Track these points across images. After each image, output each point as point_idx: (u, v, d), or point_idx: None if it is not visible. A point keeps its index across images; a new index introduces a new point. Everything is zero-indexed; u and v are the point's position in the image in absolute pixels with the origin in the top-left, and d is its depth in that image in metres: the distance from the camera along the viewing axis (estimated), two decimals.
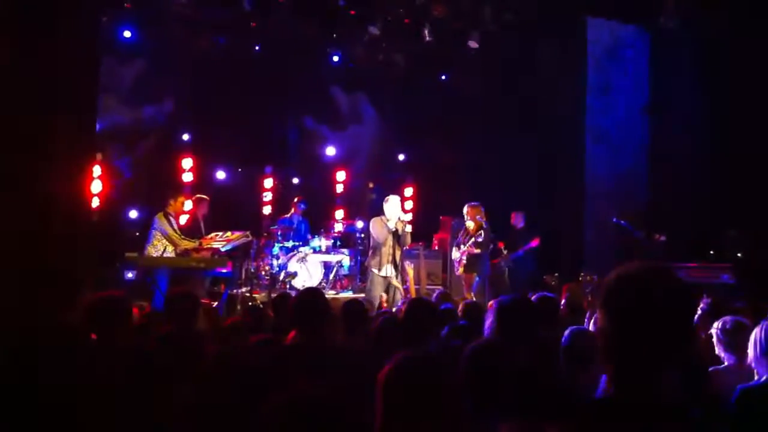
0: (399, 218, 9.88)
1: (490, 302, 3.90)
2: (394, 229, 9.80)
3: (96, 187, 11.61)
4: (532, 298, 5.34)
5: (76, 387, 3.00)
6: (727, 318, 4.52)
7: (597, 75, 13.80)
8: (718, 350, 4.43)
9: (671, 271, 2.07)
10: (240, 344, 4.68)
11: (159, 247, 9.47)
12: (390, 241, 9.84)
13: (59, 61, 6.00)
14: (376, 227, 9.98)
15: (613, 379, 1.96)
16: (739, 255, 10.84)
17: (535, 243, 11.75)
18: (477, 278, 10.86)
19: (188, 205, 10.48)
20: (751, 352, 3.78)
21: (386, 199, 10.21)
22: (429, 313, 4.81)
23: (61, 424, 2.82)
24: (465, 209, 11.07)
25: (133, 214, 13.20)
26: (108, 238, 11.58)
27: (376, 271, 9.83)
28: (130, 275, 11.16)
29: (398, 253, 9.91)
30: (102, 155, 12.14)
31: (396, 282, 9.86)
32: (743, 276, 10.49)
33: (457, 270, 11.20)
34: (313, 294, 4.68)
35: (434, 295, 8.18)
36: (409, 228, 9.92)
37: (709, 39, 12.83)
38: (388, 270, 9.83)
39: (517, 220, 12.26)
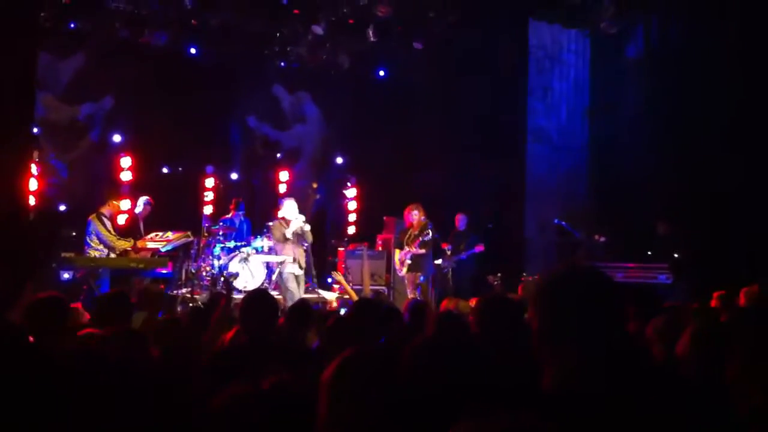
0: (298, 219, 10.62)
1: (471, 300, 3.97)
2: (292, 233, 10.49)
3: (32, 185, 11.33)
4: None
5: (16, 390, 2.91)
6: None
7: (538, 77, 14.00)
8: None
9: (598, 270, 2.14)
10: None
11: (101, 249, 9.28)
12: (290, 243, 10.51)
13: None
14: (274, 232, 10.73)
15: (547, 375, 2.01)
16: (675, 255, 11.07)
17: (479, 249, 11.85)
18: (421, 278, 10.88)
19: (126, 204, 10.30)
20: None
21: (282, 203, 10.87)
22: (374, 312, 4.84)
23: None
24: (410, 209, 11.06)
25: (62, 208, 12.91)
26: (44, 237, 11.30)
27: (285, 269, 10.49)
28: (66, 276, 10.93)
29: (299, 252, 10.61)
30: (38, 153, 11.86)
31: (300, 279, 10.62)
32: (679, 276, 10.74)
33: (401, 271, 11.18)
34: (260, 294, 4.70)
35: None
36: (307, 227, 10.73)
37: (649, 43, 13.12)
38: (295, 268, 10.48)
39: (460, 222, 12.36)
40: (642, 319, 5.00)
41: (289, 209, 10.69)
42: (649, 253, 11.73)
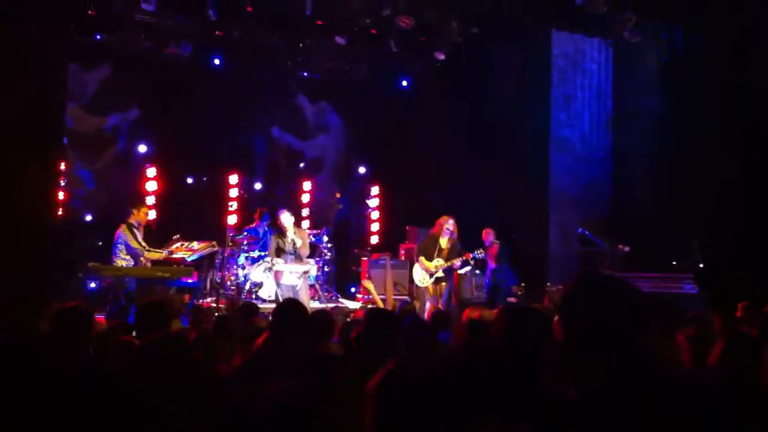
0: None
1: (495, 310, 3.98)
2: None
3: (59, 195, 11.47)
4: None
5: (41, 398, 2.95)
6: None
7: (561, 87, 13.96)
8: None
9: (623, 280, 2.15)
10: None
11: (128, 260, 9.34)
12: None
13: (29, 66, 5.95)
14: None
15: (572, 383, 2.02)
16: (701, 265, 11.00)
17: (493, 250, 11.85)
18: (445, 291, 10.85)
19: (152, 214, 10.38)
20: None
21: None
22: (388, 322, 4.83)
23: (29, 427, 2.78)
24: (446, 222, 10.92)
25: (89, 218, 13.04)
26: (70, 247, 11.42)
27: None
28: (92, 285, 11.05)
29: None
30: (65, 164, 12.00)
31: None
32: (705, 285, 10.66)
33: (423, 280, 11.05)
34: (291, 303, 4.71)
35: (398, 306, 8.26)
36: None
37: (672, 53, 13.07)
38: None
39: (488, 237, 12.32)
40: (667, 329, 4.99)
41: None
42: (674, 263, 11.66)
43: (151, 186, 13.64)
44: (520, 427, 1.69)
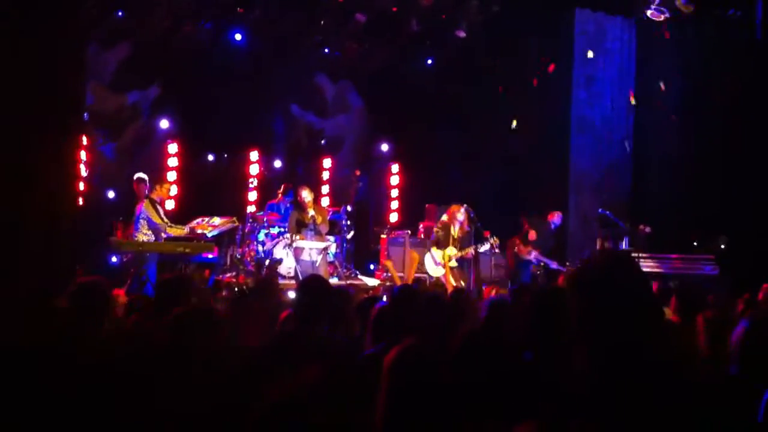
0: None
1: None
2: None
3: (81, 171, 11.54)
4: None
5: (63, 371, 3.00)
6: None
7: (583, 66, 13.85)
8: None
9: (631, 257, 2.12)
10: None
11: (149, 235, 9.40)
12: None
13: (48, 44, 5.98)
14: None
15: (586, 359, 1.99)
16: (722, 246, 10.95)
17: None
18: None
19: (173, 190, 10.42)
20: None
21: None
22: (414, 300, 4.82)
23: (48, 404, 2.82)
24: (457, 211, 10.93)
25: (111, 194, 13.12)
26: (91, 222, 11.50)
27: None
28: (114, 259, 11.15)
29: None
30: (87, 140, 12.07)
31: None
32: (726, 268, 10.61)
33: (437, 269, 11.08)
34: (317, 281, 4.58)
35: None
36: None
37: (696, 32, 12.91)
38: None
39: (555, 220, 12.10)
40: (686, 311, 4.98)
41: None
42: (695, 244, 11.60)
43: (173, 162, 13.70)
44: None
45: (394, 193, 15.70)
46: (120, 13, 12.76)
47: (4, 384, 2.80)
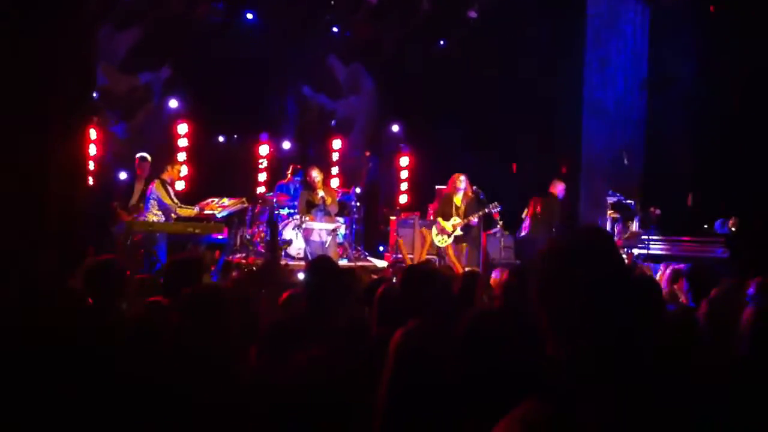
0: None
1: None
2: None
3: (91, 151, 11.58)
4: None
5: (76, 349, 3.01)
6: None
7: (596, 49, 13.75)
8: None
9: (602, 232, 1.95)
10: None
11: (159, 215, 9.43)
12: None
13: (59, 25, 5.97)
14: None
15: (552, 343, 1.77)
16: (732, 229, 10.90)
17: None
18: (466, 248, 10.85)
19: (184, 170, 10.44)
20: None
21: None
22: (425, 281, 4.79)
23: (59, 385, 2.84)
24: (458, 178, 10.89)
25: (123, 175, 13.14)
26: (102, 202, 11.54)
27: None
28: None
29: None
30: (98, 120, 12.09)
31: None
32: (736, 250, 10.56)
33: (442, 240, 11.01)
34: (326, 263, 4.49)
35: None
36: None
37: (709, 15, 12.80)
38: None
39: (558, 191, 11.91)
40: (697, 294, 4.97)
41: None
42: (705, 226, 11.56)
43: (183, 143, 13.72)
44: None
45: (404, 174, 15.67)
46: None
47: (21, 366, 2.81)
